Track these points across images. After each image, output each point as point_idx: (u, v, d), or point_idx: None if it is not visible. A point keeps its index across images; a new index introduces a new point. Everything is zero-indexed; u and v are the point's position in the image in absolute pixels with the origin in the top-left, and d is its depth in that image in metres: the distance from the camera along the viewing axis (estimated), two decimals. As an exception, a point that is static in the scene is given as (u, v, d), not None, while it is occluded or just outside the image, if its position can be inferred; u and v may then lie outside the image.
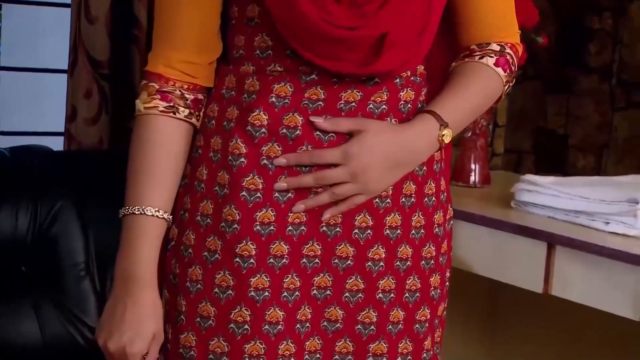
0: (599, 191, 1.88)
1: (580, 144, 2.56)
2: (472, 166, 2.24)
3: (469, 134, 2.20)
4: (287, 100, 1.24)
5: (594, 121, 2.51)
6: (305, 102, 1.24)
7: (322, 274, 1.26)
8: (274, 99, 1.24)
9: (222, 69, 1.30)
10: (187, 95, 1.27)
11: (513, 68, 1.34)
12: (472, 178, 2.24)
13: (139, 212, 1.24)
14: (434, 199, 1.32)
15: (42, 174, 1.79)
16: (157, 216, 1.25)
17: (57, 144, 1.99)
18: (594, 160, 2.52)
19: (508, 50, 1.34)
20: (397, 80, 1.27)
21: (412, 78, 1.29)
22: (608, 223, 1.82)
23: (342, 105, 1.24)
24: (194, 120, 1.28)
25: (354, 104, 1.25)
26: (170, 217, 1.27)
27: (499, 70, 1.32)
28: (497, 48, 1.33)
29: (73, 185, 1.80)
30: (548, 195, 1.93)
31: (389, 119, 1.26)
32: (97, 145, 1.99)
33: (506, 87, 1.34)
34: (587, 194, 1.88)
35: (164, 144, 1.26)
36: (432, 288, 1.32)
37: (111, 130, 2.00)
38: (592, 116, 2.51)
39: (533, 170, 2.64)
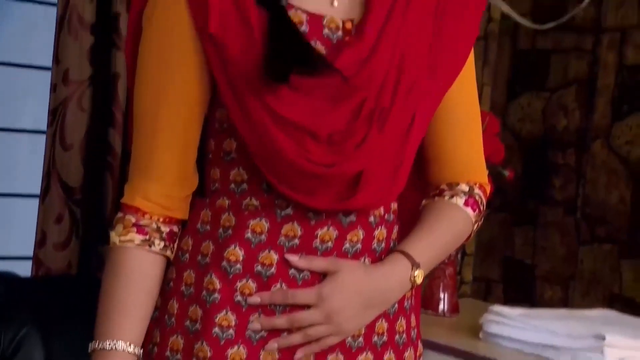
0: (566, 325, 1.90)
1: (547, 275, 2.59)
2: (441, 295, 2.25)
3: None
4: (263, 237, 1.25)
5: (560, 253, 2.54)
6: (282, 239, 1.25)
7: (293, 413, 1.24)
8: (249, 235, 1.25)
9: (198, 203, 1.31)
10: (162, 228, 1.28)
11: (482, 208, 1.38)
12: (441, 307, 2.25)
13: (110, 347, 1.23)
14: (404, 336, 1.32)
15: (8, 300, 1.77)
16: (127, 351, 1.23)
17: (25, 268, 1.97)
18: (560, 291, 2.55)
19: (477, 191, 1.37)
20: (372, 218, 1.29)
21: (385, 216, 1.31)
22: (575, 359, 1.83)
23: (317, 244, 1.26)
24: (168, 252, 1.29)
25: (329, 243, 1.26)
26: (141, 350, 1.26)
27: (469, 210, 1.35)
28: (466, 189, 1.36)
29: (38, 312, 1.78)
30: (515, 328, 1.94)
31: (363, 258, 1.28)
32: (66, 269, 1.97)
33: (475, 226, 1.37)
34: (554, 327, 1.89)
35: (138, 278, 1.26)
36: None
37: (80, 254, 1.99)
38: (558, 248, 2.55)
39: (501, 299, 2.65)
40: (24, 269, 1.96)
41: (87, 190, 1.98)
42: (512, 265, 2.67)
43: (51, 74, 1.94)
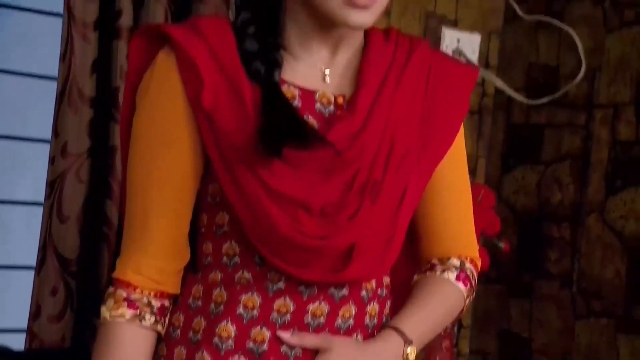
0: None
1: (543, 349, 2.57)
2: (438, 369, 2.23)
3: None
4: (255, 312, 1.25)
5: (557, 326, 2.53)
6: (274, 315, 1.25)
7: None
8: (241, 311, 1.25)
9: (190, 279, 1.31)
10: (153, 303, 1.27)
11: (473, 282, 1.38)
12: (437, 380, 2.23)
13: (100, 423, 1.22)
14: (397, 414, 1.31)
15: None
16: None
17: (18, 341, 1.96)
18: (558, 366, 2.53)
19: (468, 265, 1.37)
20: (364, 293, 1.29)
21: (378, 291, 1.31)
22: None
23: (309, 320, 1.25)
24: (159, 327, 1.28)
25: (321, 318, 1.26)
26: None
27: (460, 285, 1.35)
28: (458, 263, 1.36)
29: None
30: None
31: (355, 334, 1.28)
32: (60, 342, 1.96)
33: (467, 301, 1.37)
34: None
35: (129, 353, 1.25)
36: None
37: (75, 327, 1.98)
38: (554, 322, 2.54)
39: (499, 374, 2.63)
40: (18, 342, 1.95)
41: (82, 262, 1.98)
42: (508, 338, 2.65)
43: (50, 146, 1.96)
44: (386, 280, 1.34)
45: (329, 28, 1.27)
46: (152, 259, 1.27)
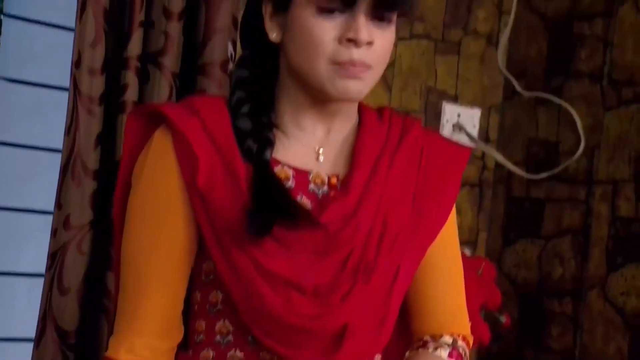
0: None
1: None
2: None
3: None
4: (246, 391, 1.25)
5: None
6: None
7: None
8: (232, 389, 1.25)
9: (181, 356, 1.31)
10: (145, 382, 1.28)
11: (465, 360, 1.38)
12: None
13: None
14: None
15: None
16: None
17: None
18: None
19: (460, 343, 1.37)
20: (354, 370, 1.29)
21: (368, 367, 1.32)
22: None
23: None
24: (151, 406, 1.28)
25: None
26: None
27: (453, 363, 1.36)
28: (450, 341, 1.37)
29: None
30: None
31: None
32: (57, 413, 1.95)
33: (459, 380, 1.37)
34: None
35: None
36: None
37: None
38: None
39: None
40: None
41: (82, 334, 1.97)
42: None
43: (52, 218, 1.98)
44: (377, 358, 1.34)
45: (322, 102, 1.29)
46: (146, 338, 1.27)
